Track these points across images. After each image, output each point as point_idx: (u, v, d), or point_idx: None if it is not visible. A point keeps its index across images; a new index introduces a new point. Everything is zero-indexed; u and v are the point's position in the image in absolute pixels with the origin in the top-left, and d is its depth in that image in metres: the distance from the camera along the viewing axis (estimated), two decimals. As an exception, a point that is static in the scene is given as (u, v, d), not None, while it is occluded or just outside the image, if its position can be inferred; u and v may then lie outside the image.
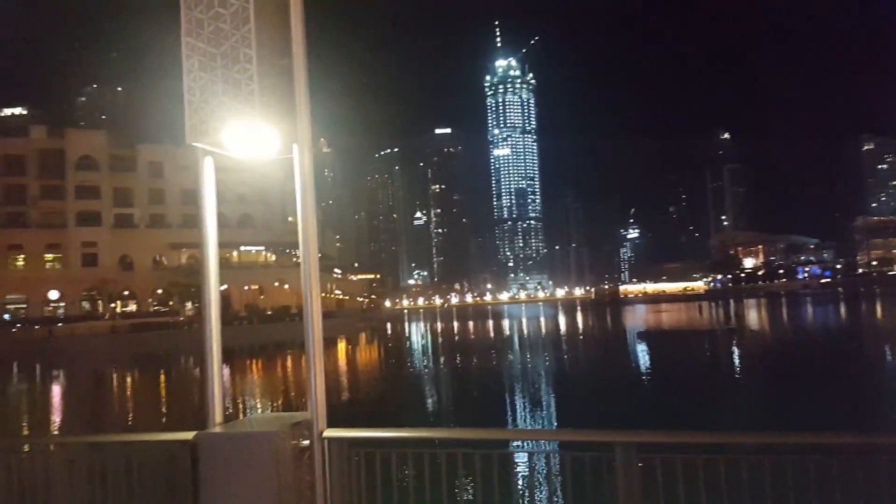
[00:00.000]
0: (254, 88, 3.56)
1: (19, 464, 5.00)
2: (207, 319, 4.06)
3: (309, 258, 3.83)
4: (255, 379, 42.82)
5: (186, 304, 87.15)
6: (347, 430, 3.88)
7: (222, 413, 4.02)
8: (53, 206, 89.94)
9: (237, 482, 3.64)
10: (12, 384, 46.43)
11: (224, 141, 3.79)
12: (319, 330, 3.87)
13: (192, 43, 3.69)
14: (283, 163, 4.33)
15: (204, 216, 4.13)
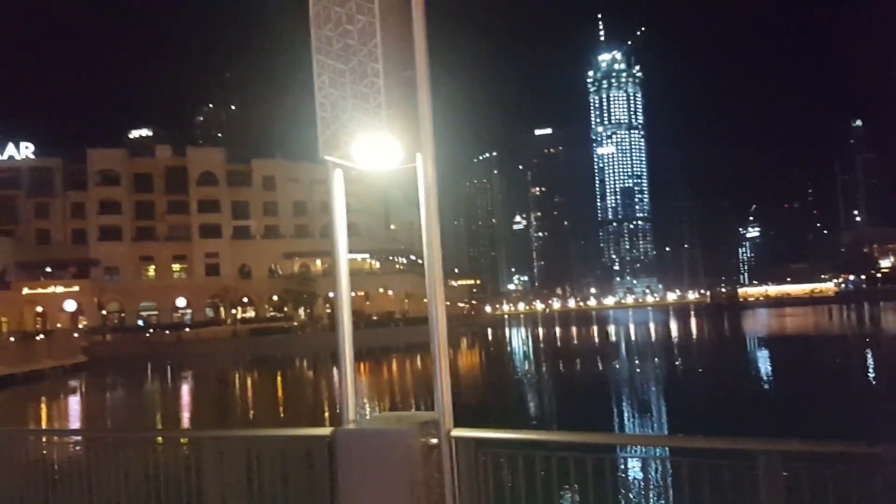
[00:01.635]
0: (381, 101, 3.73)
1: (155, 455, 5.56)
2: (340, 323, 4.28)
3: (433, 264, 3.95)
4: (365, 380, 44.20)
5: (299, 309, 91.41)
6: (475, 430, 3.97)
7: (355, 411, 4.21)
8: (178, 219, 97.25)
9: (372, 476, 3.82)
10: (147, 383, 50.51)
11: (353, 153, 3.99)
12: (444, 333, 3.98)
13: (322, 61, 3.92)
14: (389, 173, 4.49)
15: (335, 225, 4.36)
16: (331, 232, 4.34)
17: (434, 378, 3.93)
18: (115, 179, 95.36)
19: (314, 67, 3.93)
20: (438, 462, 3.87)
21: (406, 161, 4.09)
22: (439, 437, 3.87)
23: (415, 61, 3.91)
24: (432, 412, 3.99)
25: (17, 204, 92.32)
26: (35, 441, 6.75)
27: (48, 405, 39.61)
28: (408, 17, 3.91)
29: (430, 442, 3.87)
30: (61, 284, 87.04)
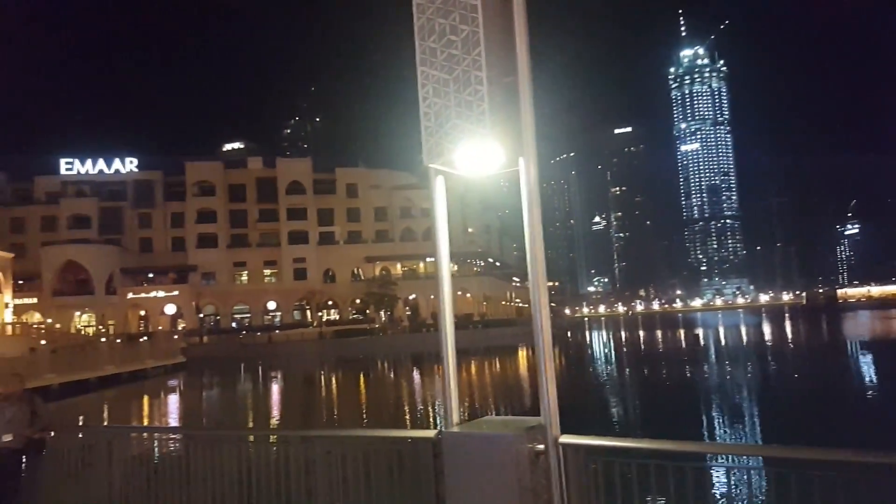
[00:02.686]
0: (484, 108, 3.78)
1: (247, 452, 5.86)
2: (442, 326, 4.35)
3: (537, 267, 3.96)
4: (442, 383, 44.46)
5: (380, 312, 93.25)
6: (584, 438, 3.93)
7: (458, 413, 4.27)
8: (269, 227, 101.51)
9: (479, 480, 3.86)
10: (241, 382, 52.76)
11: (455, 160, 4.06)
12: (549, 337, 3.97)
13: (426, 72, 4.02)
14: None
15: (436, 230, 4.43)
16: (433, 236, 4.42)
17: (540, 383, 3.93)
18: (211, 190, 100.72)
19: (418, 79, 4.03)
20: (546, 469, 3.86)
21: (507, 165, 4.12)
22: (546, 444, 3.86)
23: (516, 67, 3.94)
24: (538, 417, 3.99)
25: (122, 214, 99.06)
26: (138, 437, 7.20)
27: (150, 403, 42.05)
28: (509, 25, 3.95)
29: (536, 448, 3.87)
30: (162, 289, 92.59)
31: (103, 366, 49.33)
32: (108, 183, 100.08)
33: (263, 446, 6.57)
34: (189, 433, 8.51)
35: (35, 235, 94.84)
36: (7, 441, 6.78)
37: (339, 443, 5.27)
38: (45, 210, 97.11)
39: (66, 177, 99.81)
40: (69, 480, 7.26)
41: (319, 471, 5.06)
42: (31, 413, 7.02)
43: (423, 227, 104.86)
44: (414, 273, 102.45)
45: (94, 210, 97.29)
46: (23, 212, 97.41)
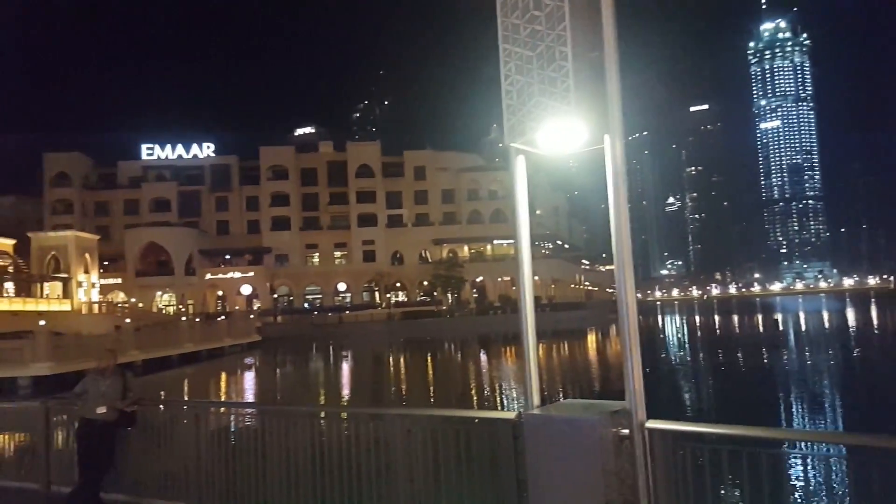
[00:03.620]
0: (569, 84, 3.68)
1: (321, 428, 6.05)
2: (523, 307, 4.31)
3: (623, 249, 3.85)
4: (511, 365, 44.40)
5: (447, 294, 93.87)
6: (671, 423, 3.82)
7: (539, 395, 4.23)
8: (339, 210, 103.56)
9: (562, 463, 3.82)
10: (313, 361, 54.32)
11: (538, 139, 3.98)
12: (635, 320, 3.87)
13: (509, 49, 3.94)
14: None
15: (517, 211, 4.37)
16: (513, 217, 4.36)
17: (625, 366, 3.84)
18: (284, 174, 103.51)
19: (501, 56, 3.96)
20: (630, 453, 3.78)
21: (590, 143, 4.01)
22: (631, 428, 3.78)
23: (602, 41, 3.81)
24: (622, 402, 3.90)
25: (200, 198, 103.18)
26: (216, 412, 7.49)
27: (228, 379, 43.88)
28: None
29: (621, 432, 3.80)
30: (238, 270, 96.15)
31: (184, 344, 51.75)
32: (186, 167, 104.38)
33: (335, 422, 6.74)
34: (264, 409, 8.83)
35: (119, 218, 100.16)
36: (101, 413, 7.17)
37: (416, 421, 5.32)
38: (128, 194, 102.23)
39: (147, 162, 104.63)
40: (155, 451, 7.68)
41: (398, 449, 5.13)
42: (123, 387, 7.41)
43: (491, 210, 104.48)
44: (481, 255, 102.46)
45: (174, 194, 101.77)
46: (107, 196, 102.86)
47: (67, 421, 8.38)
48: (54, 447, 8.22)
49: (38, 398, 8.84)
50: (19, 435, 10.22)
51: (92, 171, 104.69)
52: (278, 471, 6.23)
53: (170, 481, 7.23)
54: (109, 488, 7.24)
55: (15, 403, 14.34)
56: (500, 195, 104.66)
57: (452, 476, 4.85)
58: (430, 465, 4.98)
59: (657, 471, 3.77)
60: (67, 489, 7.49)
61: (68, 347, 37.75)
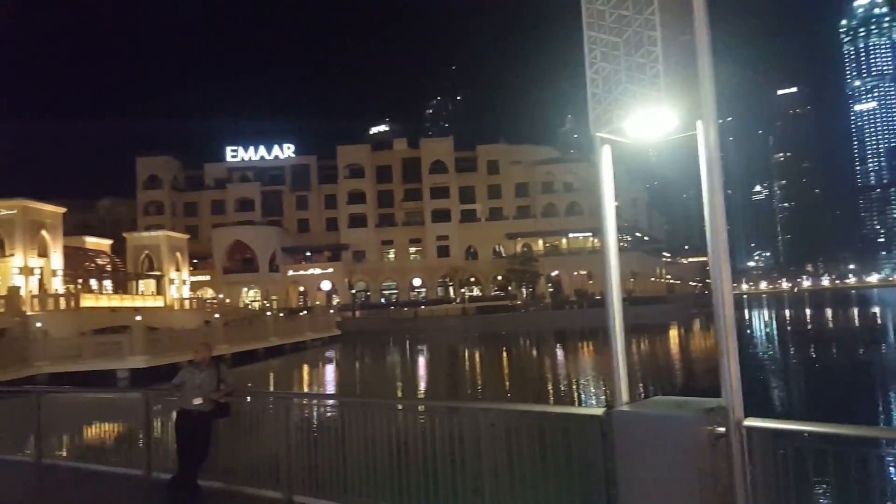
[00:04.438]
0: (658, 70, 3.55)
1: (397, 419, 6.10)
2: (609, 301, 4.20)
3: (718, 240, 3.68)
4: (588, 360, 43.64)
5: (522, 288, 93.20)
6: (770, 421, 3.64)
7: (628, 392, 4.12)
8: (413, 206, 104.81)
9: (654, 461, 3.70)
10: (391, 354, 55.24)
11: (625, 127, 3.86)
12: (731, 314, 3.70)
13: (594, 36, 3.84)
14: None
15: (603, 202, 4.25)
16: (590, 209, 4.25)
17: (721, 363, 3.67)
18: (360, 172, 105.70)
19: (585, 44, 3.86)
20: (727, 452, 3.62)
21: (681, 130, 3.86)
22: (728, 426, 3.62)
23: (692, 25, 3.65)
24: (717, 399, 3.75)
25: (282, 197, 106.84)
26: (300, 403, 7.71)
27: (310, 372, 45.28)
28: (685, -22, 3.65)
29: (716, 430, 3.64)
30: (318, 267, 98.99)
31: (269, 338, 53.82)
32: (268, 168, 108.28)
33: (411, 414, 6.82)
34: (344, 400, 9.06)
35: (206, 218, 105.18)
36: (198, 404, 7.52)
37: (500, 416, 5.30)
38: (215, 195, 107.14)
39: (231, 163, 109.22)
40: (245, 440, 8.01)
41: (482, 443, 5.13)
42: (218, 379, 7.75)
43: (566, 202, 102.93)
44: (556, 249, 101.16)
45: (257, 194, 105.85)
46: (195, 197, 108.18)
47: (166, 411, 8.87)
48: (154, 435, 8.71)
49: (138, 389, 9.38)
50: (122, 423, 10.90)
51: (180, 174, 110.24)
52: (357, 460, 6.38)
53: (260, 470, 7.51)
54: (206, 475, 7.60)
55: (117, 394, 15.30)
56: (576, 187, 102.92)
57: (537, 471, 4.80)
58: (514, 460, 4.95)
59: (756, 471, 3.60)
60: (167, 476, 7.91)
61: (162, 341, 39.99)
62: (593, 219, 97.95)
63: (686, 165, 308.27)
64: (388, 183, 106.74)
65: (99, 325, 50.42)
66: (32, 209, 56.17)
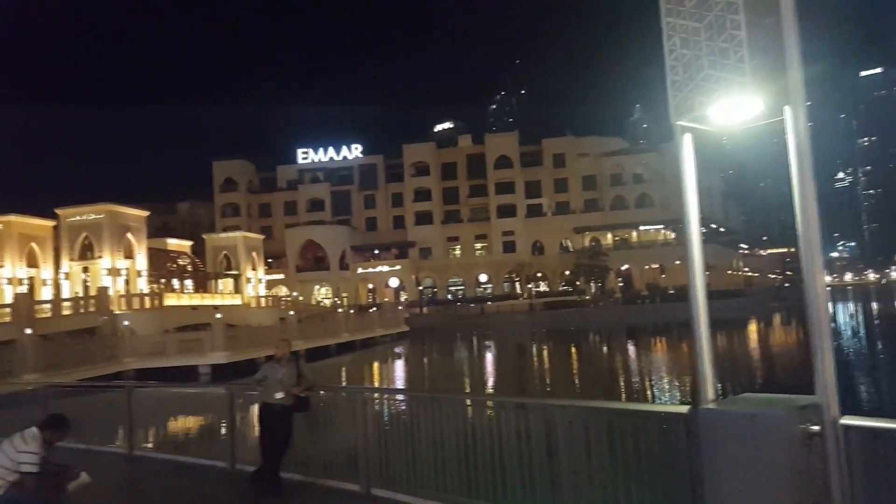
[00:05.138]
0: (743, 54, 3.41)
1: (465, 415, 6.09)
2: (693, 295, 4.07)
3: (810, 231, 3.51)
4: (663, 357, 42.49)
5: (590, 283, 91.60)
6: (869, 420, 3.46)
7: (714, 390, 3.99)
8: (479, 202, 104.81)
9: (744, 461, 3.57)
10: (458, 350, 55.41)
11: (707, 115, 3.74)
12: (825, 307, 3.53)
13: (672, 22, 3.73)
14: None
15: (685, 193, 4.13)
16: (681, 200, 4.12)
17: (815, 358, 3.51)
18: (425, 170, 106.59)
19: (663, 31, 3.76)
20: (822, 452, 3.46)
21: (766, 116, 3.70)
22: (823, 425, 3.45)
23: (777, 6, 3.49)
24: (809, 396, 3.58)
25: (350, 197, 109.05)
26: (371, 397, 7.83)
27: (380, 367, 46.02)
28: (770, -43, 3.49)
29: (810, 429, 3.48)
30: (386, 264, 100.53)
31: (340, 334, 55.06)
32: (337, 168, 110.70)
33: (479, 410, 6.83)
34: (414, 395, 9.16)
35: (280, 219, 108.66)
36: (279, 398, 7.76)
37: (579, 413, 5.23)
38: (287, 196, 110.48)
39: (302, 165, 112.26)
40: (323, 434, 8.22)
41: (561, 439, 5.08)
42: (298, 374, 7.98)
43: (636, 194, 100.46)
44: (626, 243, 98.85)
45: (327, 194, 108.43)
46: (269, 198, 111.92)
47: (248, 405, 9.22)
48: (238, 429, 9.05)
49: (221, 384, 9.75)
50: (207, 417, 11.39)
51: (255, 176, 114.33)
52: (433, 456, 6.43)
53: (338, 463, 7.70)
54: (287, 468, 7.85)
55: (202, 389, 16.00)
56: (646, 178, 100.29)
57: (618, 470, 4.72)
58: (593, 457, 4.89)
59: (853, 471, 3.42)
60: (251, 468, 8.21)
61: (240, 338, 41.52)
62: (665, 211, 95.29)
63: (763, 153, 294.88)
64: (454, 180, 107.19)
65: (181, 322, 52.88)
66: (118, 213, 59.35)
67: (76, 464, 7.52)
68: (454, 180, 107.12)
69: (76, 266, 57.86)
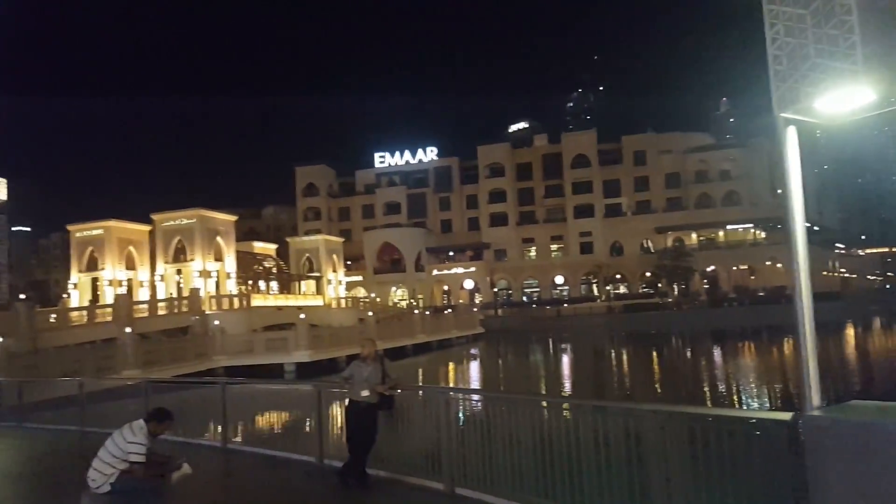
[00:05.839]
0: (854, 41, 3.21)
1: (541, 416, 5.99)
2: (798, 296, 3.87)
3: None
4: (753, 362, 40.57)
5: (673, 285, 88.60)
6: None
7: (819, 396, 3.77)
8: (555, 202, 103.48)
9: (854, 472, 3.36)
10: (534, 353, 54.90)
11: (814, 106, 3.54)
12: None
13: (775, 9, 3.56)
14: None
15: (789, 188, 3.93)
16: (785, 195, 3.92)
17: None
18: (500, 171, 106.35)
19: (765, 20, 3.59)
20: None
21: (879, 106, 3.47)
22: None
23: (892, -14, 3.26)
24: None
25: (425, 199, 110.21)
26: (453, 398, 7.84)
27: (456, 368, 46.20)
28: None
29: None
30: (461, 266, 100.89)
31: (416, 334, 55.74)
32: (413, 172, 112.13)
33: (555, 412, 6.73)
34: (497, 396, 9.15)
35: (358, 222, 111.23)
36: (365, 396, 7.93)
37: (671, 418, 5.07)
38: (365, 199, 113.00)
39: (379, 169, 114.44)
40: (407, 432, 8.33)
41: (652, 445, 4.93)
42: (383, 373, 8.13)
43: (723, 192, 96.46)
44: (712, 243, 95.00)
45: (403, 197, 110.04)
46: (348, 202, 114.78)
47: (334, 402, 9.48)
48: (326, 425, 9.31)
49: (309, 382, 10.06)
50: (295, 413, 11.78)
51: (334, 181, 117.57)
52: (519, 457, 6.40)
53: (422, 461, 7.78)
54: (372, 464, 8.01)
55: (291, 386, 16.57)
56: (734, 175, 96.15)
57: (714, 477, 4.54)
58: (687, 464, 4.72)
59: None
60: (337, 463, 8.43)
61: (322, 338, 42.76)
62: (754, 209, 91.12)
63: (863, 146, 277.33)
64: (529, 180, 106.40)
65: (266, 322, 54.98)
66: (208, 218, 62.34)
67: (177, 454, 7.96)
68: (529, 181, 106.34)
69: (170, 268, 61.18)
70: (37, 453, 11.63)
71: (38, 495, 8.59)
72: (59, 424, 13.83)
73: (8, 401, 15.28)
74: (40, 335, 37.14)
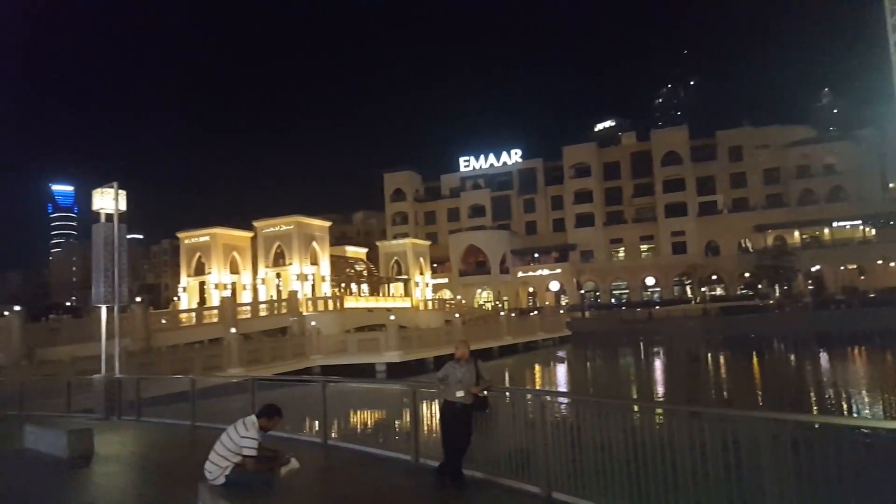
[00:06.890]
0: None
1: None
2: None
3: None
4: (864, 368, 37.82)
5: (775, 286, 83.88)
6: None
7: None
8: (644, 202, 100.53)
9: None
10: (624, 357, 53.50)
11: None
12: None
13: (896, -1, 3.38)
14: None
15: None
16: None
17: None
18: (586, 171, 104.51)
19: (885, 5, 3.40)
20: None
21: None
22: None
23: None
24: None
25: (510, 201, 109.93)
26: (548, 401, 7.79)
27: (543, 370, 45.75)
28: None
29: None
30: (546, 268, 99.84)
31: (502, 336, 55.70)
32: (497, 174, 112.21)
33: (648, 417, 6.58)
34: (579, 399, 9.05)
35: (443, 225, 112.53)
36: (460, 397, 8.04)
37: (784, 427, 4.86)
38: (450, 203, 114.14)
39: (464, 173, 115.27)
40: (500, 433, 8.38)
41: (764, 455, 4.76)
42: (477, 374, 8.21)
43: (827, 187, 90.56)
44: (817, 241, 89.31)
45: (487, 200, 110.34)
46: (433, 206, 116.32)
47: (429, 402, 9.67)
48: (421, 425, 9.51)
49: (405, 381, 10.30)
50: (391, 412, 12.09)
51: (420, 186, 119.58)
52: (616, 463, 6.33)
53: (518, 463, 7.81)
54: (468, 465, 8.11)
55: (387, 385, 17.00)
56: (839, 170, 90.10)
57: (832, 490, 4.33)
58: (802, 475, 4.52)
59: None
60: (433, 462, 8.59)
61: (411, 339, 43.56)
62: (863, 204, 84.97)
63: None
64: (616, 180, 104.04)
65: (358, 323, 56.61)
66: (305, 224, 64.86)
67: (283, 449, 8.38)
68: (617, 180, 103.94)
69: (270, 272, 64.10)
70: (156, 445, 12.52)
71: (160, 484, 9.26)
72: (172, 419, 14.79)
73: (127, 396, 16.46)
74: (153, 335, 39.86)
